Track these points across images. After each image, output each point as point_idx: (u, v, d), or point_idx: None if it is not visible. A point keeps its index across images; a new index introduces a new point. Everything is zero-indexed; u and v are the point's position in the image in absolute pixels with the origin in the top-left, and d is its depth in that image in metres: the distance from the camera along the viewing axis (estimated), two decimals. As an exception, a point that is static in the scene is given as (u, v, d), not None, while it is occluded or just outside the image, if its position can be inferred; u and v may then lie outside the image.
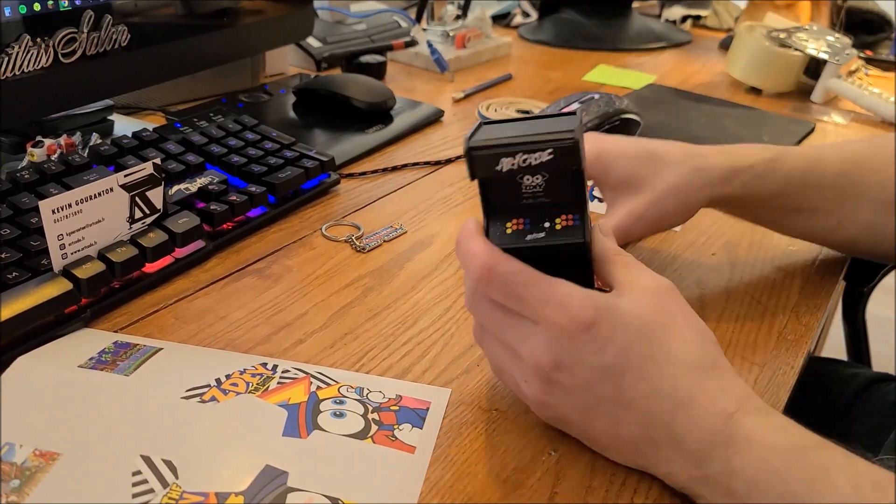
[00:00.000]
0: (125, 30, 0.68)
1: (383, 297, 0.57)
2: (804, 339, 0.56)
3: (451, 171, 0.79)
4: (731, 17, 1.46)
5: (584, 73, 1.14)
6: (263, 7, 0.85)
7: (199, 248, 0.60)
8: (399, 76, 1.09)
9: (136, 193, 0.55)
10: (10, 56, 0.60)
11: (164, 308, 0.55)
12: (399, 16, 1.21)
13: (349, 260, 0.62)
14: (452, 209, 0.71)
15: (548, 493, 0.41)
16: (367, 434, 0.43)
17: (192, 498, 0.38)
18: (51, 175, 0.59)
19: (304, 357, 0.50)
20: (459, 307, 0.56)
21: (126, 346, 0.49)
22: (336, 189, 0.73)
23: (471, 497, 0.41)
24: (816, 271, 0.65)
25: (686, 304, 0.43)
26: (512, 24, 1.39)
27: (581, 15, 1.34)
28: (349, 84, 0.89)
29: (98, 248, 0.53)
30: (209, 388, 0.45)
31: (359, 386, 0.47)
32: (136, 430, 0.42)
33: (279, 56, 1.02)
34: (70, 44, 0.64)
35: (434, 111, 0.92)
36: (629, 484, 0.42)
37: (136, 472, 0.39)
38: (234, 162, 0.68)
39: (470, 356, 0.51)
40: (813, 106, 1.06)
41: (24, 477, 0.38)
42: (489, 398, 0.48)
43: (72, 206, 0.50)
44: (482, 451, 0.44)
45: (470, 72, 1.12)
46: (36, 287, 0.49)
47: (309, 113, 0.89)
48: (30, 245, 0.52)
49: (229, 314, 0.54)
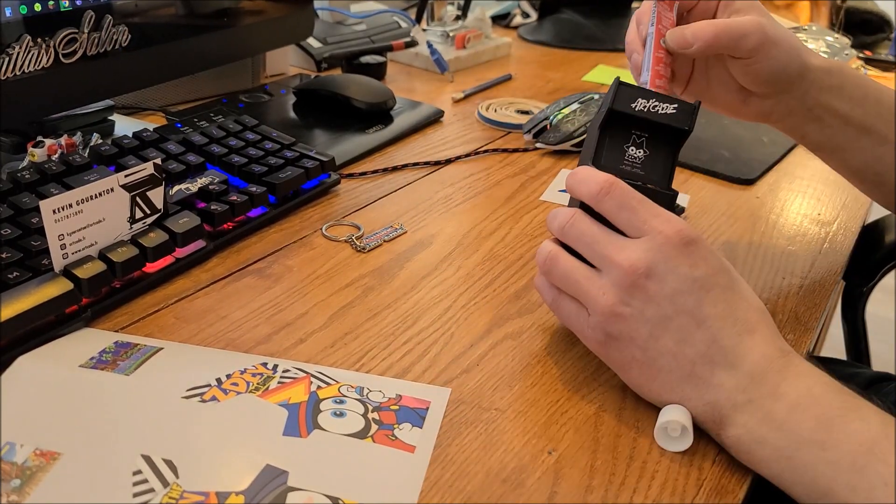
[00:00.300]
0: (126, 30, 0.68)
1: (383, 296, 0.57)
2: (804, 338, 0.56)
3: (451, 171, 0.79)
4: (730, 17, 1.46)
5: (583, 73, 1.15)
6: (264, 7, 0.85)
7: (200, 248, 0.60)
8: (399, 76, 1.09)
9: (136, 193, 0.55)
10: (10, 56, 0.60)
11: (164, 308, 0.55)
12: (399, 16, 1.21)
13: (349, 260, 0.62)
14: (452, 209, 0.71)
15: (547, 493, 0.41)
16: (367, 433, 0.43)
17: (192, 497, 0.38)
18: (51, 175, 0.59)
19: (304, 357, 0.50)
20: (459, 307, 0.57)
21: (127, 346, 0.49)
22: (336, 189, 0.73)
23: (470, 497, 0.41)
24: (815, 271, 0.65)
25: None
26: (512, 24, 1.39)
27: (581, 15, 1.34)
28: (349, 84, 0.89)
29: (99, 247, 0.53)
30: (210, 387, 0.45)
31: (359, 385, 0.47)
32: (136, 430, 0.42)
33: (279, 56, 1.02)
34: (71, 44, 0.64)
35: (434, 111, 0.92)
36: (629, 484, 0.42)
37: (136, 471, 0.39)
38: (234, 162, 0.68)
39: (470, 356, 0.51)
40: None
41: (24, 476, 0.38)
42: (489, 398, 0.48)
43: (72, 206, 0.50)
44: (482, 451, 0.44)
45: (470, 72, 1.12)
46: (37, 287, 0.49)
47: (309, 113, 0.89)
48: (30, 245, 0.52)
49: (230, 314, 0.54)
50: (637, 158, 0.50)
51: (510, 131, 0.90)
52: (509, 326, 0.55)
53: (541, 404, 0.48)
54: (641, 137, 0.50)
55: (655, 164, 0.50)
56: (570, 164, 0.83)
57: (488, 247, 0.65)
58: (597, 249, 0.47)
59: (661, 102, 0.50)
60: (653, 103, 0.49)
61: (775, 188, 0.79)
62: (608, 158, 0.50)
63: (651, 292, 0.45)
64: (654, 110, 0.49)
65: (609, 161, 0.50)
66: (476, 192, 0.75)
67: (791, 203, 0.76)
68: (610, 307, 0.45)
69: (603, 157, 0.50)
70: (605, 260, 0.46)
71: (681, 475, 0.43)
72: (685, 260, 0.45)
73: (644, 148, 0.50)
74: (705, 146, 0.86)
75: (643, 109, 0.49)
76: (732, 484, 0.43)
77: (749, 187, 0.79)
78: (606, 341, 0.47)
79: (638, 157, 0.50)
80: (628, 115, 0.50)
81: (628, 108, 0.49)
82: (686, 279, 0.44)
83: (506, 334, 0.54)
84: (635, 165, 0.50)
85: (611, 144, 0.50)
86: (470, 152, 0.83)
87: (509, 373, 0.50)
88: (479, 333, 0.54)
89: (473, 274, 0.61)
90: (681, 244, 0.45)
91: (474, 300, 0.58)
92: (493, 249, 0.65)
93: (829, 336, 1.39)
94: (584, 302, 0.47)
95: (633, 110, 0.49)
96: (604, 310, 0.46)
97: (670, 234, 0.45)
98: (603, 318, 0.46)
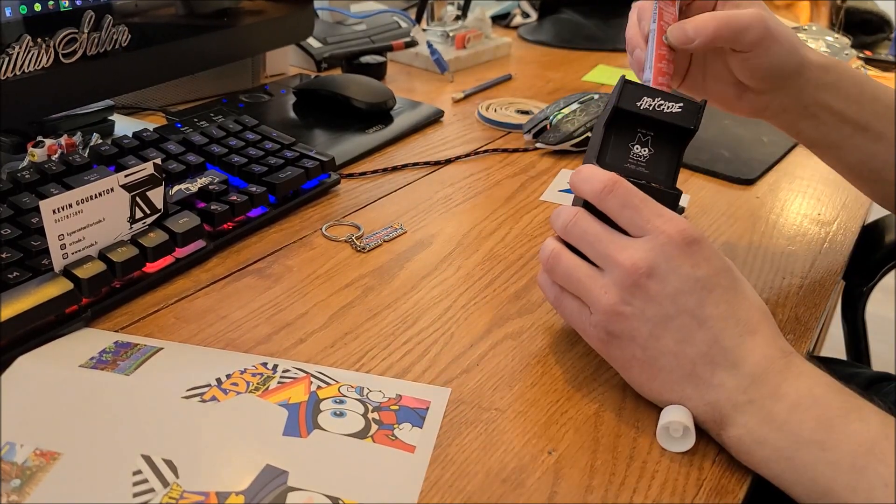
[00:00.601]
0: (126, 30, 0.68)
1: (383, 296, 0.57)
2: (804, 338, 0.56)
3: (451, 171, 0.79)
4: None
5: (583, 73, 1.15)
6: (264, 7, 0.85)
7: (200, 248, 0.60)
8: (399, 76, 1.09)
9: (136, 193, 0.55)
10: (10, 56, 0.60)
11: (164, 308, 0.55)
12: (399, 16, 1.21)
13: (349, 260, 0.62)
14: (452, 209, 0.71)
15: (547, 493, 0.41)
16: (367, 433, 0.43)
17: (192, 497, 0.38)
18: (51, 175, 0.59)
19: (304, 357, 0.50)
20: (459, 307, 0.57)
21: (127, 346, 0.49)
22: (336, 189, 0.73)
23: (470, 497, 0.41)
24: (815, 271, 0.65)
25: None
26: (512, 24, 1.39)
27: (581, 15, 1.34)
28: (349, 84, 0.89)
29: (99, 247, 0.53)
30: (210, 387, 0.45)
31: (359, 385, 0.47)
32: (136, 430, 0.42)
33: (279, 56, 1.02)
34: (71, 44, 0.64)
35: (434, 111, 0.92)
36: (629, 484, 0.42)
37: (136, 471, 0.39)
38: (234, 162, 0.68)
39: (470, 356, 0.51)
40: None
41: (24, 476, 0.38)
42: (489, 398, 0.48)
43: (72, 206, 0.50)
44: (482, 451, 0.44)
45: (470, 72, 1.12)
46: (37, 287, 0.49)
47: (309, 113, 0.89)
48: (30, 245, 0.52)
49: (230, 314, 0.54)
50: (642, 157, 0.50)
51: (510, 131, 0.90)
52: (509, 326, 0.55)
53: (541, 404, 0.48)
54: (647, 136, 0.50)
55: (660, 162, 0.50)
56: (570, 164, 0.82)
57: (488, 247, 0.65)
58: (599, 248, 0.47)
59: (667, 101, 0.49)
60: (658, 102, 0.49)
61: (775, 188, 0.79)
62: (613, 157, 0.50)
63: (652, 292, 0.45)
64: (659, 109, 0.49)
65: (614, 159, 0.50)
66: (476, 192, 0.75)
67: (791, 203, 0.76)
68: (611, 306, 0.46)
69: (608, 155, 0.50)
70: (607, 259, 0.46)
71: (681, 475, 0.43)
72: (687, 260, 0.45)
73: (649, 146, 0.50)
74: (705, 146, 0.86)
75: (648, 108, 0.49)
76: (732, 484, 0.43)
77: (749, 187, 0.79)
78: (608, 340, 0.47)
79: (643, 156, 0.50)
80: (634, 114, 0.50)
81: (634, 106, 0.49)
82: (688, 279, 0.44)
83: (506, 334, 0.54)
84: (640, 164, 0.50)
85: (616, 143, 0.50)
86: (470, 152, 0.83)
87: (509, 373, 0.50)
88: (479, 333, 0.54)
89: (473, 274, 0.61)
90: (683, 244, 0.45)
91: (474, 300, 0.58)
92: (493, 249, 0.65)
93: (829, 336, 1.39)
94: (586, 300, 0.47)
95: (638, 109, 0.49)
96: (605, 308, 0.46)
97: (673, 233, 0.45)
98: (604, 316, 0.46)
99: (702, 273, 0.45)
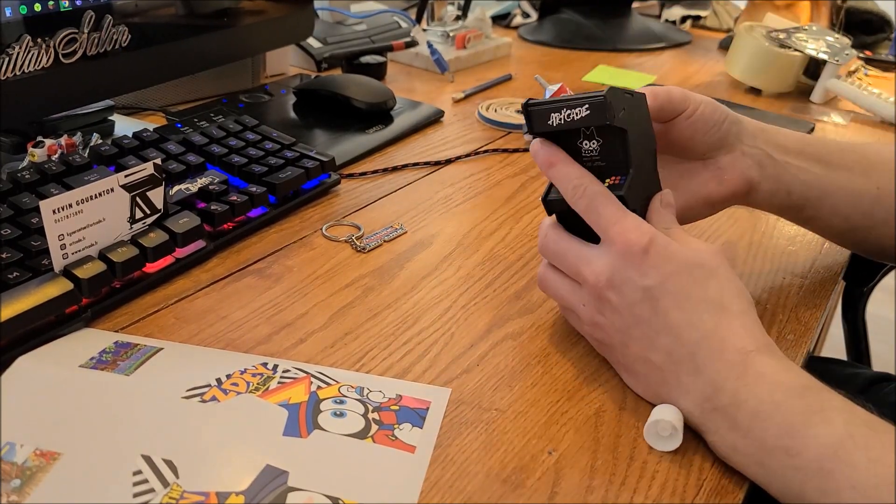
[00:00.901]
0: (126, 30, 0.68)
1: (383, 297, 0.57)
2: (804, 338, 0.56)
3: (451, 171, 0.79)
4: (730, 17, 1.46)
5: (584, 73, 1.15)
6: (264, 7, 0.85)
7: (200, 248, 0.60)
8: (399, 77, 1.09)
9: (136, 193, 0.55)
10: (10, 56, 0.60)
11: (164, 308, 0.55)
12: (399, 16, 1.21)
13: (349, 260, 0.62)
14: (452, 209, 0.71)
15: (548, 493, 0.41)
16: (367, 434, 0.43)
17: (192, 497, 0.38)
18: (51, 175, 0.59)
19: (304, 357, 0.50)
20: (460, 307, 0.57)
21: (127, 346, 0.49)
22: (336, 189, 0.73)
23: (470, 497, 0.41)
24: (815, 271, 0.65)
25: (730, 267, 0.46)
26: (512, 24, 1.39)
27: (581, 15, 1.34)
28: (349, 84, 0.89)
29: (99, 248, 0.53)
30: (210, 387, 0.45)
31: (359, 385, 0.47)
32: (136, 430, 0.42)
33: (280, 56, 1.02)
34: (71, 44, 0.64)
35: (434, 111, 0.92)
36: (629, 484, 0.42)
37: (136, 471, 0.39)
38: (234, 162, 0.68)
39: (470, 356, 0.51)
40: (812, 106, 1.06)
41: (24, 476, 0.38)
42: (489, 398, 0.48)
43: (72, 207, 0.50)
44: (482, 451, 0.44)
45: (470, 72, 1.12)
46: (37, 287, 0.49)
47: (309, 113, 0.89)
48: (30, 245, 0.52)
49: (230, 314, 0.54)
50: (594, 150, 0.49)
51: (510, 131, 0.90)
52: (509, 326, 0.55)
53: (541, 404, 0.48)
54: (589, 129, 0.49)
55: (613, 147, 0.48)
56: (571, 164, 0.82)
57: (488, 247, 0.65)
58: (568, 265, 0.49)
59: (572, 108, 0.48)
60: (566, 113, 0.48)
61: (775, 188, 0.79)
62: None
63: (614, 303, 0.46)
64: (570, 119, 0.48)
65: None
66: (476, 192, 0.75)
67: (791, 203, 0.76)
68: (590, 318, 0.48)
69: None
70: (578, 275, 0.48)
71: (681, 475, 0.43)
72: (634, 271, 0.45)
73: (595, 137, 0.49)
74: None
75: (561, 122, 0.48)
76: (732, 484, 0.43)
77: (749, 187, 0.79)
78: (599, 347, 0.50)
79: (594, 149, 0.49)
80: (554, 133, 0.49)
81: (547, 127, 0.49)
82: (637, 289, 0.45)
83: (506, 334, 0.54)
84: (595, 159, 0.49)
85: (566, 148, 0.49)
86: (470, 152, 0.83)
87: (509, 373, 0.50)
88: (480, 333, 0.54)
89: (473, 274, 0.61)
90: (632, 253, 0.45)
91: (474, 300, 0.58)
92: (494, 249, 0.65)
93: (829, 336, 1.39)
94: (575, 313, 0.50)
95: (552, 128, 0.48)
96: (587, 320, 0.49)
97: (622, 243, 0.45)
98: (589, 327, 0.49)
99: (649, 282, 0.45)
